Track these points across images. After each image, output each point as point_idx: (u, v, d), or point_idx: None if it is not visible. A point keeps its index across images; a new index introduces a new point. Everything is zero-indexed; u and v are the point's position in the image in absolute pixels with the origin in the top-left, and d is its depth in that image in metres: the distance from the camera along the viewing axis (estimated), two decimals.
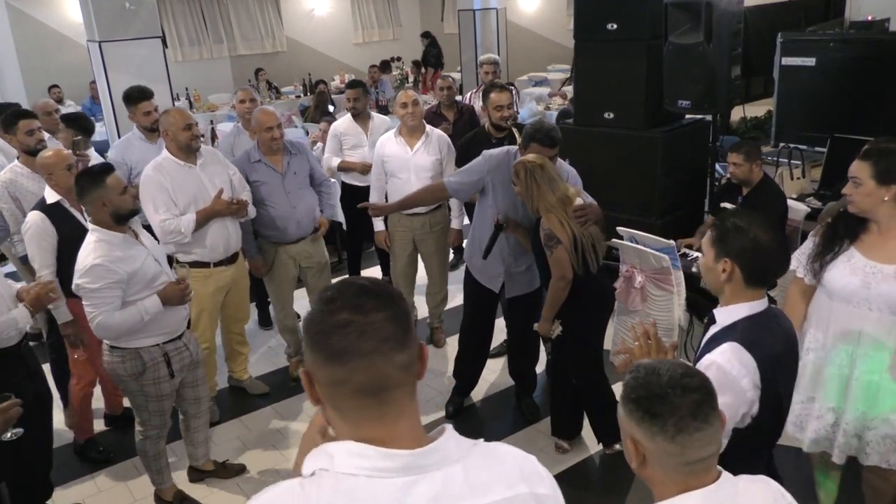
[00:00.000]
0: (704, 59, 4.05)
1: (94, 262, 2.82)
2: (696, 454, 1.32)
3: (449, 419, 4.10)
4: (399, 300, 1.11)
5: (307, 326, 1.10)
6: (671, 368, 1.38)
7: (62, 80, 10.37)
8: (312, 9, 14.05)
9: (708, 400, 1.34)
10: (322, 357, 1.07)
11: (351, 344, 1.05)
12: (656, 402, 1.33)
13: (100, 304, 2.84)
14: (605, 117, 4.81)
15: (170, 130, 3.63)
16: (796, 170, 4.78)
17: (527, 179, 3.18)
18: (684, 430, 1.31)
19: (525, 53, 12.97)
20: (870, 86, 4.59)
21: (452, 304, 5.33)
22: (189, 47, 12.60)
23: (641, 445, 1.36)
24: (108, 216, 2.91)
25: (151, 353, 3.02)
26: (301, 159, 4.18)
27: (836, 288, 2.50)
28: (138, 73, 5.81)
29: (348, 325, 1.05)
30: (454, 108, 5.68)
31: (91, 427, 3.84)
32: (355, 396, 1.07)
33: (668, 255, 3.83)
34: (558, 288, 3.24)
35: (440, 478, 1.08)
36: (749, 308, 1.90)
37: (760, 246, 1.85)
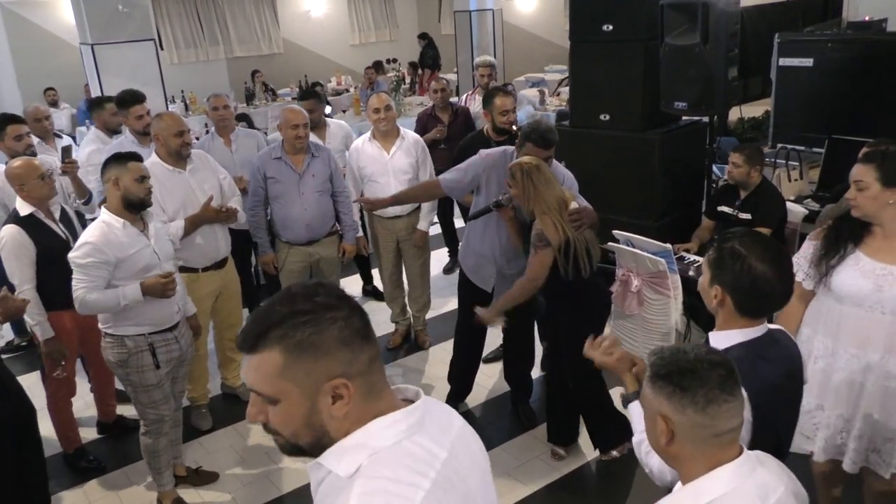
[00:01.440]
0: (701, 59, 4.01)
1: (87, 240, 2.91)
2: (726, 424, 1.37)
3: None
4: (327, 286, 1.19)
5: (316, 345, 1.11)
6: (695, 348, 1.44)
7: (57, 83, 10.32)
8: (309, 10, 14.01)
9: (732, 374, 1.40)
10: (355, 346, 1.13)
11: (362, 320, 1.16)
12: (686, 376, 1.38)
13: (83, 279, 2.91)
14: (602, 119, 4.78)
15: (161, 135, 3.60)
16: (794, 171, 4.75)
17: (523, 180, 3.13)
18: (714, 401, 1.36)
19: (522, 54, 12.94)
20: (868, 86, 4.56)
21: (447, 308, 5.30)
22: (185, 49, 12.55)
23: (671, 421, 1.40)
24: (118, 199, 2.97)
25: (136, 342, 3.06)
26: (322, 162, 4.17)
27: (848, 292, 2.43)
28: (132, 76, 5.78)
29: (350, 308, 1.15)
30: (449, 110, 5.64)
31: (77, 437, 3.79)
32: (381, 367, 1.18)
33: (664, 258, 3.80)
34: (525, 288, 3.23)
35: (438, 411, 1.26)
36: (744, 334, 1.80)
37: (756, 279, 1.74)
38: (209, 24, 12.75)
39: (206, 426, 4.03)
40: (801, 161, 4.78)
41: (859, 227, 2.45)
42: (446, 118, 5.60)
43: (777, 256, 1.77)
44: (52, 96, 10.03)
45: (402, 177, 4.37)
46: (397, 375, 4.54)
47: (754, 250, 1.76)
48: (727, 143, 5.54)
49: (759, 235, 1.88)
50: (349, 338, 1.12)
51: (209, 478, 3.60)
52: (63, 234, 3.45)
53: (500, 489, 3.40)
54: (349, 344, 1.11)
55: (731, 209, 4.06)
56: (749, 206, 3.98)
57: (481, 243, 3.69)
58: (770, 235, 3.92)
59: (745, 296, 1.77)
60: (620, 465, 3.46)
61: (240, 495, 3.50)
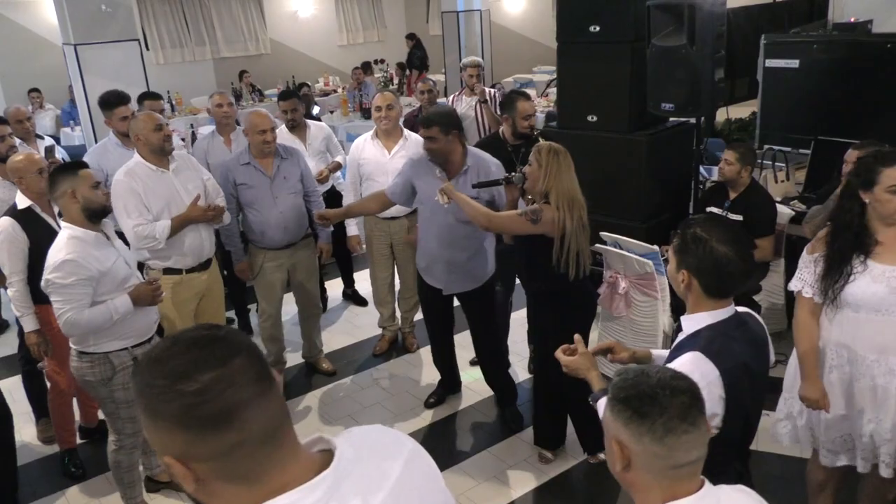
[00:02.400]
0: (688, 61, 4.01)
1: (66, 258, 2.78)
2: (684, 457, 1.30)
3: (428, 407, 4.14)
4: (239, 336, 1.01)
5: (155, 412, 0.96)
6: (660, 371, 1.36)
7: (42, 84, 10.21)
8: (296, 10, 13.95)
9: (696, 403, 1.32)
10: (197, 432, 0.94)
11: (234, 400, 0.94)
12: (645, 402, 1.30)
13: (69, 300, 2.80)
14: (589, 120, 4.76)
15: (141, 134, 3.52)
16: (780, 172, 4.76)
17: (548, 159, 3.09)
18: (673, 432, 1.28)
19: (510, 55, 12.94)
20: (854, 87, 4.58)
21: None
22: (171, 49, 12.44)
23: (627, 448, 1.32)
24: (79, 211, 2.87)
25: (121, 357, 2.96)
26: (292, 164, 4.11)
27: (863, 299, 2.41)
28: (115, 77, 5.71)
29: (217, 382, 0.94)
30: None
31: (72, 437, 3.74)
32: (255, 451, 0.97)
33: (651, 260, 3.79)
34: (484, 218, 3.21)
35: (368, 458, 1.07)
36: (712, 316, 1.88)
37: (718, 260, 1.82)
38: (195, 25, 12.66)
39: None
40: (787, 162, 4.79)
41: (864, 236, 2.42)
42: None
43: (737, 237, 1.86)
44: (35, 98, 9.92)
45: None
46: (384, 378, 4.51)
47: (715, 233, 1.84)
48: (714, 145, 5.56)
49: (718, 219, 1.96)
50: (189, 422, 0.94)
51: None
52: (59, 229, 3.39)
53: (487, 493, 3.38)
54: (188, 427, 0.94)
55: (721, 210, 4.05)
56: (739, 207, 3.98)
57: (427, 241, 3.71)
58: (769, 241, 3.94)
59: (710, 277, 1.85)
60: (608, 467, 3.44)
61: None
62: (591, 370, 1.99)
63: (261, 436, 0.97)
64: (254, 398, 0.96)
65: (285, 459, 1.00)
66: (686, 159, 4.77)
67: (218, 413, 0.94)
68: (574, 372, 2.03)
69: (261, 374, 0.98)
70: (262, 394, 0.97)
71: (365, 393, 4.36)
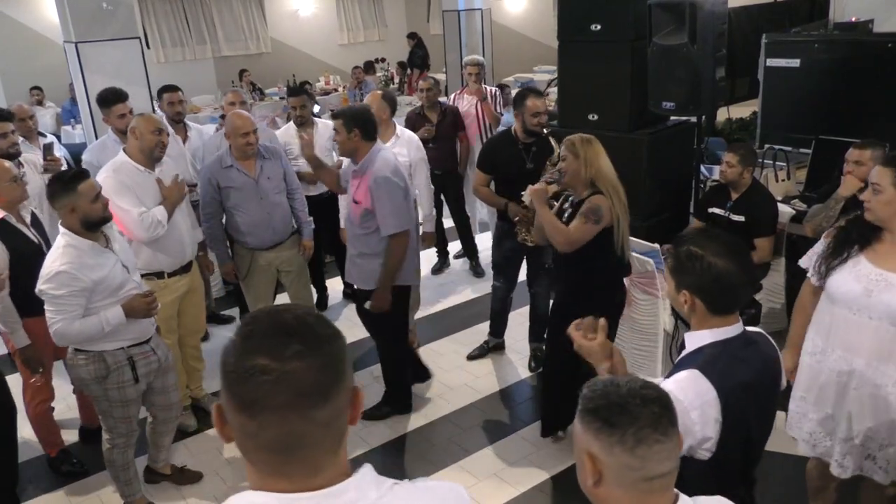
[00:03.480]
0: (689, 60, 4.00)
1: (60, 269, 2.76)
2: (656, 469, 1.25)
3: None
4: (331, 340, 0.98)
5: (223, 361, 0.97)
6: (630, 381, 1.32)
7: (43, 82, 10.21)
8: (297, 9, 13.94)
9: (666, 413, 1.28)
10: (233, 403, 0.96)
11: (263, 395, 0.92)
12: (615, 412, 1.26)
13: (61, 310, 2.78)
14: (590, 119, 4.76)
15: (138, 130, 3.49)
16: (781, 172, 4.75)
17: (584, 150, 3.12)
18: (644, 442, 1.24)
19: (511, 54, 12.92)
20: (854, 87, 4.57)
21: (434, 309, 5.29)
22: (171, 48, 12.45)
23: (598, 461, 1.27)
24: (77, 222, 2.84)
25: (116, 357, 2.96)
26: (275, 164, 4.09)
27: (837, 293, 2.44)
28: (116, 75, 5.69)
29: (262, 372, 0.92)
30: (437, 110, 5.62)
31: (59, 440, 3.73)
32: (262, 451, 0.97)
33: (652, 258, 3.80)
34: (559, 241, 3.17)
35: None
36: (717, 334, 1.80)
37: (719, 276, 1.75)
38: (196, 23, 12.66)
39: (190, 427, 3.98)
40: (788, 161, 4.79)
41: (870, 231, 2.43)
42: (434, 118, 5.57)
43: (732, 248, 1.79)
44: (37, 95, 9.92)
45: None
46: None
47: (709, 247, 1.77)
48: (715, 144, 5.55)
49: (710, 232, 1.89)
50: (227, 388, 0.96)
51: (193, 477, 3.56)
52: (35, 239, 3.37)
53: (486, 490, 3.39)
54: (226, 391, 0.97)
55: (723, 211, 4.05)
56: (741, 208, 3.97)
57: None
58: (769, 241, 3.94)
59: (711, 294, 1.78)
60: None
61: (224, 496, 3.45)
62: (604, 361, 1.90)
63: (272, 444, 0.95)
64: (283, 408, 0.93)
65: (294, 476, 0.98)
66: (687, 158, 4.76)
67: (248, 400, 0.94)
68: (586, 355, 1.93)
69: (310, 391, 0.94)
70: (294, 408, 0.93)
71: (366, 391, 4.33)
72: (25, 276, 3.21)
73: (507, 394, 4.24)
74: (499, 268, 4.38)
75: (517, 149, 4.01)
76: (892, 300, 2.31)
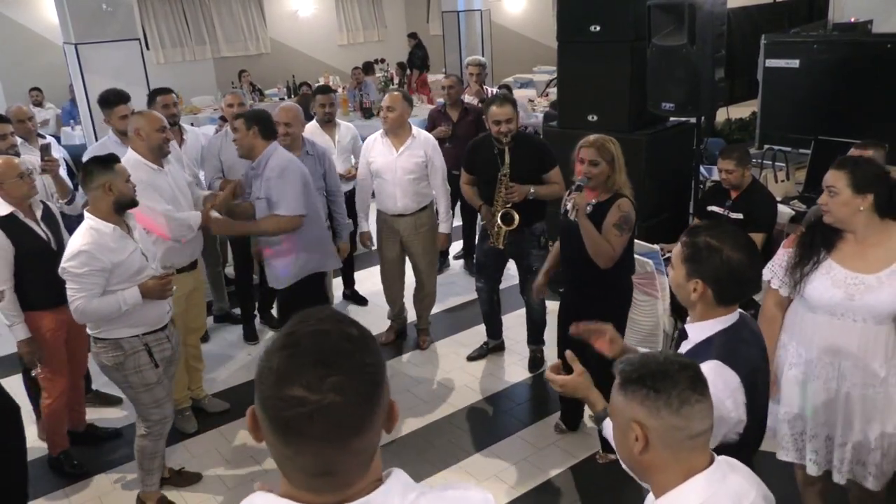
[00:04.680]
0: (688, 60, 4.01)
1: (81, 248, 2.87)
2: (699, 426, 1.36)
3: None
4: (371, 368, 0.96)
5: (259, 380, 0.97)
6: (661, 352, 1.45)
7: (42, 83, 10.20)
8: (296, 10, 13.94)
9: (699, 375, 1.40)
10: (269, 425, 0.96)
11: (298, 426, 0.92)
12: (658, 378, 1.36)
13: (80, 288, 2.88)
14: (590, 120, 4.77)
15: (143, 131, 3.51)
16: (780, 172, 4.76)
17: (616, 150, 3.17)
18: (687, 402, 1.35)
19: (511, 55, 12.93)
20: (853, 87, 4.58)
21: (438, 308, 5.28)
22: (171, 49, 12.45)
23: (645, 427, 1.37)
24: (109, 204, 2.94)
25: (131, 343, 3.05)
26: (315, 161, 4.21)
27: (819, 301, 2.46)
28: (116, 76, 5.70)
29: (299, 404, 0.91)
30: (458, 108, 5.62)
31: (65, 440, 3.73)
32: (298, 472, 0.97)
33: (652, 259, 3.80)
34: (602, 260, 3.18)
35: None
36: (724, 321, 1.87)
37: (734, 268, 1.81)
38: (196, 24, 12.66)
39: (190, 429, 3.98)
40: (787, 162, 4.80)
41: (832, 233, 2.46)
42: (455, 116, 5.58)
43: (747, 244, 1.86)
44: (36, 97, 9.91)
45: (407, 176, 4.37)
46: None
47: (727, 241, 1.83)
48: (714, 144, 5.56)
49: (725, 226, 1.94)
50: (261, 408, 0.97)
51: (192, 479, 3.57)
52: (44, 235, 3.40)
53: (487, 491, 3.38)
54: (261, 411, 0.97)
55: (722, 209, 4.05)
56: (741, 206, 3.98)
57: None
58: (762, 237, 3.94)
59: (726, 286, 1.84)
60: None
61: (225, 498, 3.46)
62: (591, 390, 1.92)
63: (307, 468, 0.96)
64: (320, 439, 0.93)
65: (324, 491, 0.98)
66: (686, 159, 4.77)
67: (282, 426, 0.93)
68: (571, 392, 1.94)
69: (347, 423, 0.93)
70: (330, 440, 0.93)
71: None
72: (31, 271, 3.27)
73: (507, 395, 4.24)
74: (481, 267, 4.37)
75: (492, 153, 4.00)
76: (875, 301, 2.35)
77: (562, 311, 3.58)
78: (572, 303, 3.49)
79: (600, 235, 3.17)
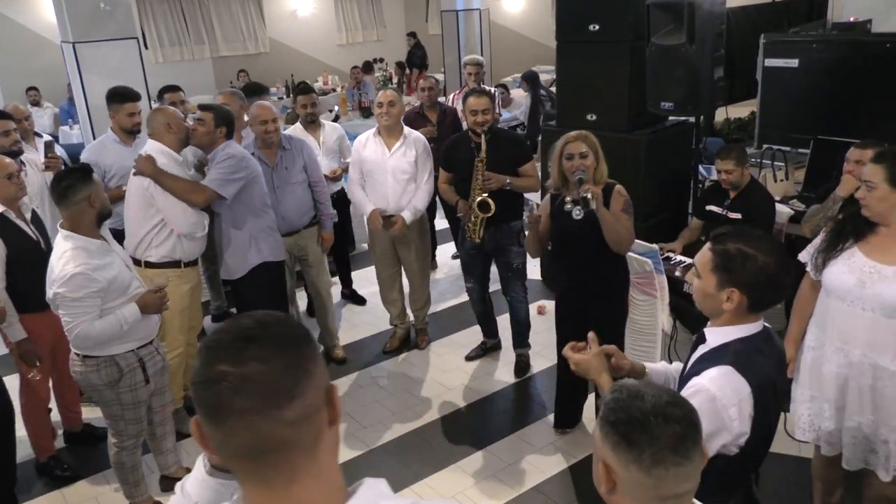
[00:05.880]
0: (687, 60, 4.00)
1: (76, 271, 2.75)
2: (671, 490, 1.23)
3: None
4: (297, 342, 0.96)
5: (193, 374, 0.97)
6: (656, 394, 1.27)
7: (40, 82, 10.19)
8: (295, 9, 13.93)
9: (691, 434, 1.24)
10: (201, 413, 0.94)
11: (224, 401, 0.90)
12: (635, 429, 1.23)
13: (80, 313, 2.78)
14: (589, 119, 4.76)
15: (173, 123, 3.66)
16: (779, 172, 4.75)
17: (597, 145, 3.26)
18: (661, 464, 1.21)
19: (510, 54, 12.92)
20: (853, 87, 4.57)
21: (435, 308, 5.27)
22: (170, 48, 12.44)
23: (614, 472, 1.26)
24: (93, 217, 2.86)
25: (127, 360, 2.97)
26: (294, 155, 4.22)
27: (832, 285, 2.48)
28: (114, 75, 5.67)
29: (222, 378, 0.91)
30: (437, 110, 5.60)
31: (51, 444, 3.71)
32: (236, 460, 0.94)
33: (651, 259, 3.78)
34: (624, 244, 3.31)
35: None
36: (744, 329, 1.81)
37: (771, 276, 1.75)
38: (194, 23, 12.65)
39: (187, 429, 3.96)
40: (786, 162, 4.78)
41: (865, 225, 2.47)
42: (434, 117, 5.56)
43: (777, 248, 1.83)
44: (33, 96, 9.90)
45: (399, 176, 4.34)
46: (382, 377, 4.50)
47: (760, 247, 1.77)
48: (713, 144, 5.55)
49: (752, 231, 1.87)
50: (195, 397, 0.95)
51: None
52: (34, 236, 3.37)
53: (485, 491, 3.37)
54: (195, 401, 0.96)
55: (721, 209, 4.04)
56: (739, 205, 3.96)
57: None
58: None
59: (763, 293, 1.78)
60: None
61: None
62: (603, 373, 1.89)
63: (241, 450, 0.93)
64: (247, 412, 0.90)
65: (272, 483, 0.94)
66: (685, 158, 4.76)
67: (212, 407, 0.92)
68: (584, 372, 1.92)
69: (273, 391, 0.91)
70: (258, 411, 0.91)
71: (363, 392, 4.35)
72: (23, 272, 3.23)
73: (505, 395, 4.23)
74: (466, 268, 4.35)
75: (469, 149, 3.99)
76: (885, 291, 2.34)
77: (562, 312, 3.58)
78: (572, 302, 3.49)
79: (619, 222, 3.23)
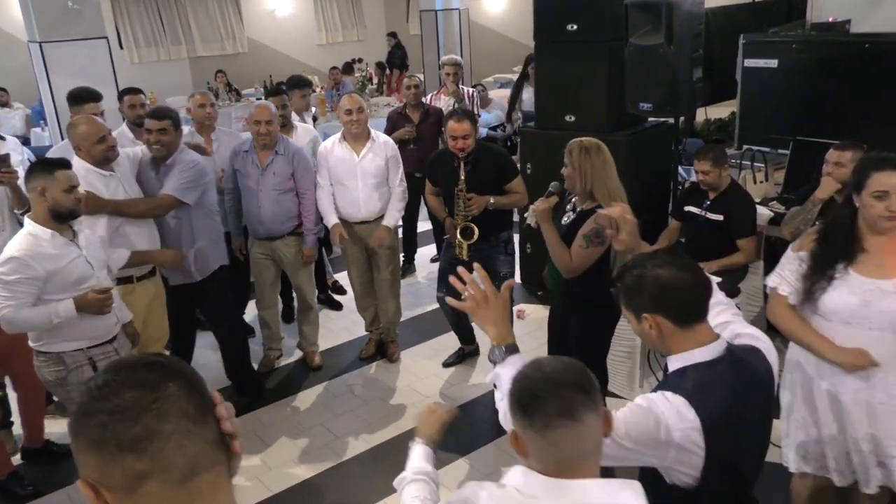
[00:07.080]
0: (666, 60, 3.95)
1: (13, 255, 2.75)
2: (569, 451, 1.33)
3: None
4: (181, 365, 0.95)
5: (73, 427, 0.90)
6: (553, 363, 1.39)
7: (9, 83, 9.98)
8: (274, 9, 13.78)
9: (580, 398, 1.33)
10: (108, 454, 0.87)
11: (147, 426, 0.86)
12: (526, 396, 1.35)
13: (10, 297, 2.74)
14: (567, 120, 4.70)
15: (83, 145, 3.40)
16: (759, 173, 4.71)
17: (580, 158, 2.97)
18: (550, 426, 1.31)
19: (490, 55, 12.86)
20: (832, 87, 4.54)
21: (412, 313, 5.19)
22: (146, 48, 12.24)
23: (520, 438, 1.38)
24: (45, 210, 2.81)
25: (74, 357, 2.91)
26: (285, 161, 4.13)
27: (834, 309, 2.35)
28: (82, 75, 5.53)
29: (138, 403, 0.87)
30: (420, 109, 5.52)
31: (9, 461, 3.57)
32: (162, 489, 0.88)
33: None
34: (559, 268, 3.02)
35: None
36: (704, 353, 1.69)
37: (665, 282, 1.67)
38: (171, 23, 12.46)
39: None
40: (766, 163, 4.75)
41: (852, 242, 2.35)
42: (416, 117, 5.47)
43: (669, 257, 1.75)
44: (2, 97, 9.69)
45: (370, 180, 4.23)
46: (357, 385, 4.40)
47: (648, 263, 1.73)
48: (693, 145, 5.50)
49: (646, 256, 1.81)
50: (103, 441, 0.87)
51: None
52: None
53: None
54: (102, 447, 0.87)
55: (699, 210, 3.99)
56: (719, 207, 3.91)
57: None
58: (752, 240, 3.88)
59: (668, 305, 1.68)
60: None
61: None
62: (499, 323, 1.83)
63: (174, 474, 0.88)
64: (175, 433, 0.88)
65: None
66: (665, 160, 4.71)
67: (132, 436, 0.87)
68: (479, 320, 1.85)
69: (192, 410, 0.90)
70: (185, 431, 0.89)
71: (338, 400, 4.25)
72: None
73: (484, 402, 4.14)
74: (443, 275, 4.21)
75: (453, 165, 3.89)
76: (890, 307, 2.25)
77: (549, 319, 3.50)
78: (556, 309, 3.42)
79: (560, 243, 3.00)
